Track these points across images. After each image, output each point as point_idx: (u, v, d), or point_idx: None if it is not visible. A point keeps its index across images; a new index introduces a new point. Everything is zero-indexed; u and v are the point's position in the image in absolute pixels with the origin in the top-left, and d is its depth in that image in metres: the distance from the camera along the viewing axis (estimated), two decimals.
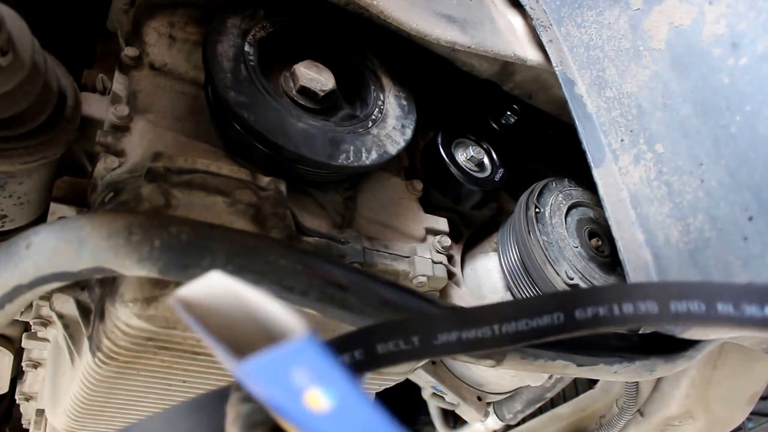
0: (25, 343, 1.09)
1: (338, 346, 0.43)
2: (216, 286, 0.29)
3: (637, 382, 1.25)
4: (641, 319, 0.44)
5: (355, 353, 0.43)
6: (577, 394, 1.50)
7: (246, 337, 0.27)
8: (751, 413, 1.32)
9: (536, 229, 0.92)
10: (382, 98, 0.97)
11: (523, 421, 1.49)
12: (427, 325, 0.45)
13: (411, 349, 0.44)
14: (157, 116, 0.86)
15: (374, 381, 0.90)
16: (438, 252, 0.94)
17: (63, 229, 0.53)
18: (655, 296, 0.44)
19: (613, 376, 0.71)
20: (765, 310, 0.40)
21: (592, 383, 1.48)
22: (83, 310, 0.79)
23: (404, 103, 1.00)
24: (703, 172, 0.69)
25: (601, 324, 0.45)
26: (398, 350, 0.43)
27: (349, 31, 1.00)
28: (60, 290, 0.78)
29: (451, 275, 0.97)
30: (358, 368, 0.43)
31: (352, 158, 0.86)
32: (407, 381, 1.11)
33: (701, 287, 0.43)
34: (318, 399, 0.23)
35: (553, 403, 1.53)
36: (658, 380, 1.25)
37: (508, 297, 0.98)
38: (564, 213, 0.96)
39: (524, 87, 1.05)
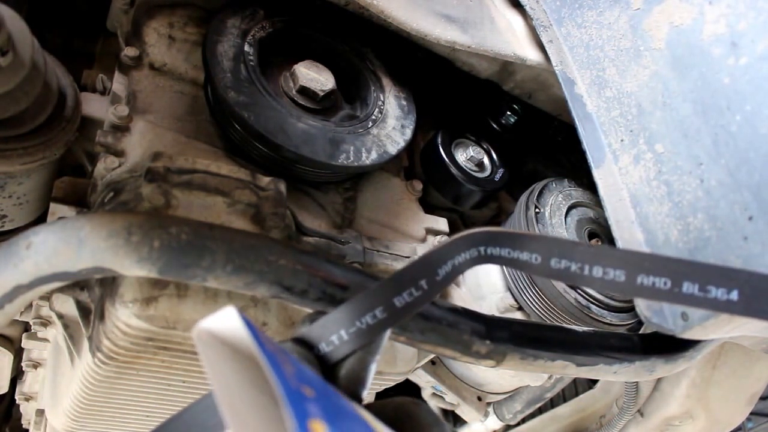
0: (25, 343, 1.09)
1: (359, 309, 0.46)
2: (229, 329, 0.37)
3: (637, 382, 1.25)
4: (606, 285, 0.46)
5: (377, 312, 0.46)
6: (577, 394, 1.50)
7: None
8: (751, 413, 1.32)
9: (536, 229, 0.92)
10: (382, 98, 0.97)
11: (523, 421, 1.49)
12: (427, 266, 0.48)
13: (423, 293, 0.47)
14: (157, 116, 0.86)
15: (374, 381, 0.89)
16: None
17: (63, 229, 0.53)
18: (625, 266, 0.45)
19: (613, 376, 0.71)
20: (730, 294, 0.41)
21: (592, 383, 1.48)
22: (83, 310, 0.79)
23: (404, 103, 1.00)
24: (703, 171, 0.69)
25: (570, 278, 0.48)
26: (413, 298, 0.47)
27: (349, 31, 1.00)
28: (60, 290, 0.78)
29: None
30: (382, 325, 0.46)
31: (352, 158, 0.86)
32: (407, 381, 1.11)
33: (673, 264, 0.44)
34: (308, 390, 0.35)
35: (553, 403, 1.53)
36: (658, 380, 1.25)
37: (508, 297, 0.98)
38: (564, 213, 0.96)
39: (524, 86, 1.05)
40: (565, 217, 0.96)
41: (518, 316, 0.98)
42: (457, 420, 1.48)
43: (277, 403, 0.32)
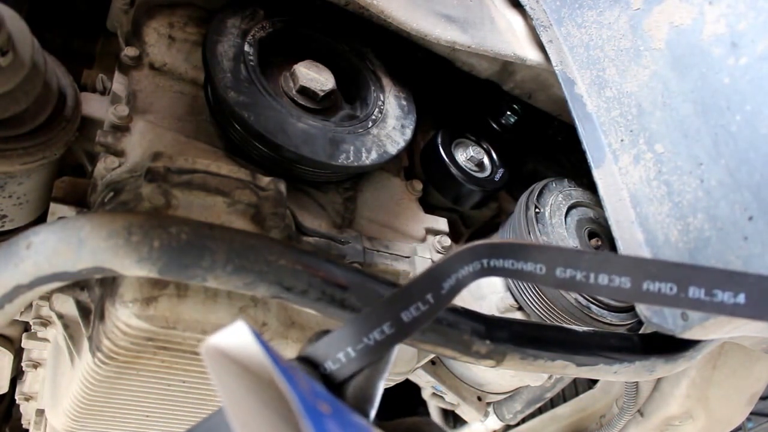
0: (25, 343, 1.09)
1: (367, 325, 0.45)
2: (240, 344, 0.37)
3: (637, 382, 1.25)
4: (612, 292, 0.46)
5: (384, 328, 0.45)
6: (577, 394, 1.50)
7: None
8: (751, 413, 1.32)
9: (536, 229, 0.92)
10: (382, 98, 0.97)
11: (523, 421, 1.49)
12: (432, 280, 0.48)
13: (429, 307, 0.46)
14: (157, 116, 0.86)
15: None
16: (438, 252, 0.94)
17: (63, 229, 0.53)
18: (630, 272, 0.45)
19: (613, 376, 0.71)
20: (737, 297, 0.41)
21: (592, 383, 1.48)
22: (83, 310, 0.79)
23: (404, 103, 1.00)
24: (703, 171, 0.69)
25: (575, 287, 0.48)
26: (420, 313, 0.46)
27: (349, 31, 1.00)
28: (60, 290, 0.78)
29: None
30: (390, 341, 0.45)
31: (352, 158, 0.86)
32: (407, 381, 1.11)
33: (678, 269, 0.44)
34: (325, 406, 0.34)
35: (553, 403, 1.53)
36: (658, 380, 1.25)
37: (508, 297, 0.98)
38: (564, 213, 0.96)
39: (524, 87, 1.05)
40: (565, 217, 0.96)
41: (518, 316, 0.98)
42: (457, 420, 1.48)
43: (294, 421, 0.31)
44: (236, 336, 0.36)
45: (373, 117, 0.94)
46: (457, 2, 0.98)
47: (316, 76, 0.89)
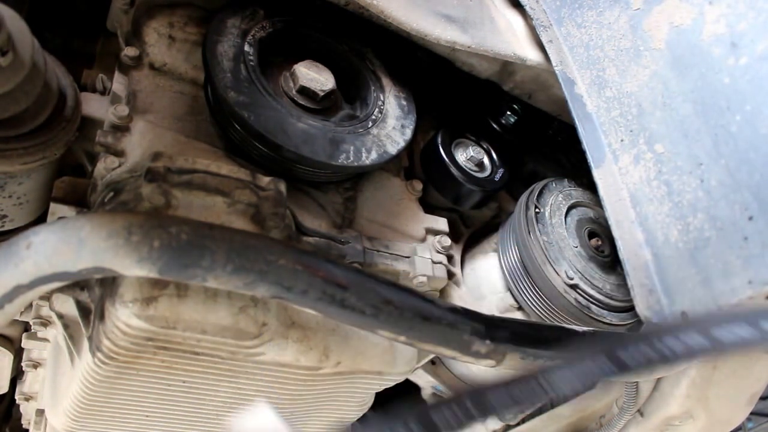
0: (25, 343, 1.09)
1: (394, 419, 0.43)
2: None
3: (637, 382, 1.25)
4: (695, 354, 0.45)
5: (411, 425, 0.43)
6: None
7: None
8: (751, 413, 1.32)
9: (536, 229, 0.92)
10: (382, 98, 0.98)
11: (523, 421, 1.49)
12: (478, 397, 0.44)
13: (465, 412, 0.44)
14: (157, 116, 0.86)
15: (374, 381, 0.89)
16: (438, 252, 0.94)
17: (63, 229, 0.53)
18: (697, 329, 0.44)
19: None
20: None
21: None
22: (83, 310, 0.79)
23: (404, 103, 1.00)
24: (703, 171, 0.69)
25: (657, 366, 0.46)
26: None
27: (349, 31, 1.00)
28: (60, 290, 0.78)
29: (450, 275, 0.97)
30: None
31: (352, 158, 0.86)
32: (407, 381, 1.11)
33: (742, 311, 0.43)
34: None
35: (553, 403, 1.53)
36: (658, 380, 1.25)
37: (508, 297, 0.98)
38: (564, 213, 0.96)
39: (524, 87, 1.05)
40: (565, 217, 0.96)
41: (518, 316, 0.98)
42: None
43: None
44: (260, 420, 0.36)
45: (373, 117, 0.94)
46: (457, 2, 0.98)
47: (316, 76, 0.90)
